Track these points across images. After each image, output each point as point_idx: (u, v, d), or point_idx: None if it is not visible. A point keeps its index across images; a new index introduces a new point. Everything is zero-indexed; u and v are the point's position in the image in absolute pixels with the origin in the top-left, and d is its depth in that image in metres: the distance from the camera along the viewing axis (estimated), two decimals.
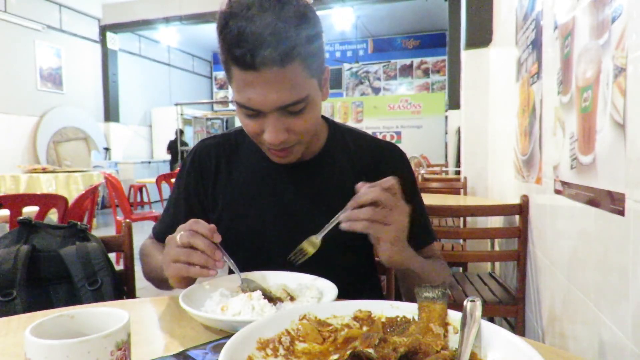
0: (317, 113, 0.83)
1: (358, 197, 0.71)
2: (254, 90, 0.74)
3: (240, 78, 0.74)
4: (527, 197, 1.81)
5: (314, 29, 0.76)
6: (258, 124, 0.79)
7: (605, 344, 1.04)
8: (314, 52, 0.76)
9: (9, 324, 0.69)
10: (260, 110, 0.76)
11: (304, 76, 0.76)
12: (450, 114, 6.68)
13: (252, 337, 0.48)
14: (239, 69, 0.73)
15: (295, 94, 0.75)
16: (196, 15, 7.91)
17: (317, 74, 0.80)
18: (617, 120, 0.95)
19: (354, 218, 0.70)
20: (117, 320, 0.46)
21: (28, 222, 1.07)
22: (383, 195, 0.70)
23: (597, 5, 1.08)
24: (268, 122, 0.77)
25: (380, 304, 0.57)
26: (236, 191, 0.94)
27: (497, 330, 0.48)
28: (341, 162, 0.95)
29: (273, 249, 0.91)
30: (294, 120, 0.78)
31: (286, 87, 0.74)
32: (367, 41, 11.49)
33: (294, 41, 0.72)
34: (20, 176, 5.10)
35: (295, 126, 0.79)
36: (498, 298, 1.86)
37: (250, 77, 0.73)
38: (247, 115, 0.79)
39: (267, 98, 0.74)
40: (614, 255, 0.99)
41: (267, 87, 0.73)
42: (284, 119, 0.77)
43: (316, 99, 0.81)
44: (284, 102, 0.75)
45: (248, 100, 0.75)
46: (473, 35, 3.13)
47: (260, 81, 0.72)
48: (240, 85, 0.75)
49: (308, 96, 0.77)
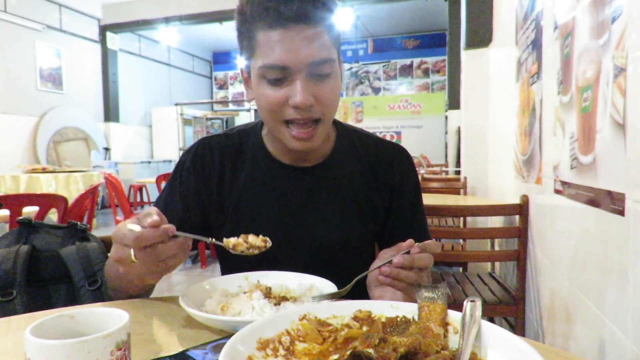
0: (339, 88, 0.83)
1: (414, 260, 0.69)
2: (284, 47, 0.74)
3: (266, 39, 0.75)
4: (527, 197, 1.81)
5: (335, 4, 0.79)
6: (283, 92, 0.77)
7: (605, 344, 1.03)
8: (335, 27, 0.79)
9: (9, 324, 0.69)
10: (290, 68, 0.75)
11: (331, 43, 0.77)
12: (450, 114, 6.68)
13: (252, 337, 0.48)
14: (267, 28, 0.74)
15: (325, 52, 0.76)
16: (196, 15, 7.90)
17: (338, 51, 0.81)
18: (617, 120, 0.95)
19: (402, 278, 0.69)
20: (117, 320, 0.46)
21: (28, 222, 1.07)
22: (431, 263, 0.71)
23: (597, 5, 1.08)
24: (297, 84, 0.76)
25: (380, 304, 0.57)
26: (243, 194, 0.91)
27: (497, 330, 0.48)
28: (349, 165, 0.94)
29: (279, 254, 0.89)
30: (321, 85, 0.78)
31: (316, 45, 0.75)
32: (367, 41, 11.48)
33: (323, 5, 0.74)
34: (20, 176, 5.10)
35: (321, 93, 0.78)
36: (498, 298, 1.86)
37: (279, 36, 0.73)
38: (272, 83, 0.77)
39: (299, 52, 0.74)
40: (614, 255, 0.99)
41: (299, 43, 0.74)
42: (312, 83, 0.77)
43: (339, 74, 0.82)
44: (315, 58, 0.75)
45: (278, 59, 0.74)
46: (473, 35, 3.12)
47: (291, 37, 0.73)
48: (268, 48, 0.75)
49: (335, 61, 0.79)
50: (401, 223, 0.96)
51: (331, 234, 0.90)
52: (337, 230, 0.90)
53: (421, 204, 0.99)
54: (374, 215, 0.94)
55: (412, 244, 0.70)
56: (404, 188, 0.95)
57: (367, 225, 0.94)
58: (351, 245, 0.92)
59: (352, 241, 0.93)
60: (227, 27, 8.42)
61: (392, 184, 0.94)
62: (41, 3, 7.30)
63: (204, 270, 3.96)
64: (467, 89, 3.19)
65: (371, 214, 0.94)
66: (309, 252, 0.90)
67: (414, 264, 0.69)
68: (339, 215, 0.91)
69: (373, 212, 0.94)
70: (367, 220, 0.93)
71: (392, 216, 0.95)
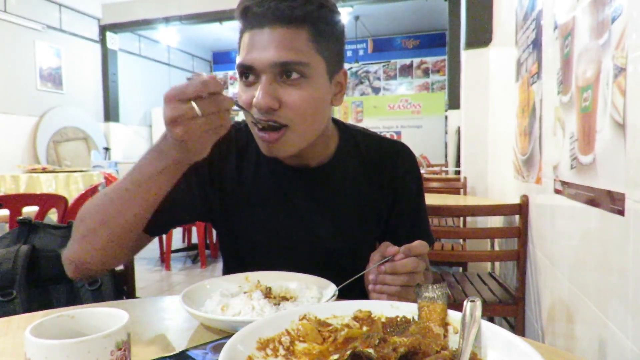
0: (316, 98, 0.77)
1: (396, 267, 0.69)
2: (254, 48, 0.73)
3: (244, 39, 0.74)
4: (527, 197, 1.81)
5: (331, 12, 0.76)
6: (251, 91, 0.75)
7: (605, 344, 1.04)
8: (326, 32, 0.75)
9: (9, 324, 0.69)
10: (255, 68, 0.73)
11: (310, 47, 0.74)
12: (450, 113, 6.68)
13: (252, 337, 0.48)
14: (247, 27, 0.73)
15: (294, 55, 0.72)
16: (196, 15, 7.89)
17: (329, 61, 0.77)
18: (617, 120, 0.95)
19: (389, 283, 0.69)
20: (117, 320, 0.46)
21: (28, 222, 1.07)
22: (419, 265, 0.69)
23: (597, 5, 1.08)
24: (260, 85, 0.73)
25: (380, 304, 0.57)
26: (245, 192, 0.90)
27: (497, 330, 0.48)
28: (353, 167, 0.93)
29: (280, 254, 0.89)
30: (287, 90, 0.74)
31: (285, 47, 0.72)
32: (367, 41, 11.47)
33: (304, 6, 0.72)
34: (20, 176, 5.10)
35: (287, 97, 0.74)
36: (498, 298, 1.86)
37: (255, 37, 0.73)
38: (244, 83, 0.76)
39: (262, 54, 0.72)
40: (613, 255, 0.99)
41: (267, 44, 0.72)
42: (276, 86, 0.74)
43: (319, 84, 0.77)
44: (279, 59, 0.72)
45: (245, 60, 0.73)
46: (473, 35, 3.13)
47: (262, 38, 0.72)
48: (243, 48, 0.74)
49: (308, 66, 0.74)
50: (403, 222, 0.95)
51: (334, 235, 0.90)
52: (340, 231, 0.90)
53: (423, 203, 0.98)
54: (378, 216, 0.94)
55: (397, 251, 0.69)
56: (407, 186, 0.95)
57: (371, 226, 0.94)
58: (354, 246, 0.92)
59: (354, 242, 0.92)
60: (227, 27, 8.42)
61: (395, 183, 0.94)
62: (41, 3, 7.30)
63: (204, 270, 3.96)
64: (467, 88, 3.19)
65: (375, 215, 0.93)
66: (311, 252, 0.90)
67: (396, 270, 0.68)
68: (342, 217, 0.91)
69: (376, 213, 0.93)
70: (371, 221, 0.93)
71: (394, 215, 0.95)
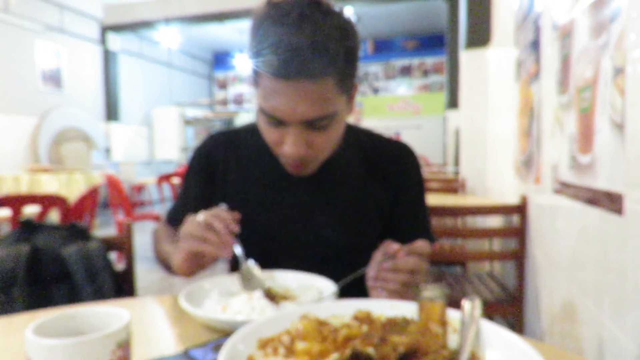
0: (340, 130, 0.81)
1: (398, 264, 0.69)
2: (281, 100, 0.71)
3: (268, 85, 0.71)
4: (526, 197, 1.81)
5: (353, 45, 0.73)
6: (279, 133, 0.76)
7: (605, 344, 1.04)
8: (349, 69, 0.74)
9: (10, 324, 0.69)
10: (284, 121, 0.73)
11: (335, 92, 0.72)
12: (450, 114, 6.68)
13: (252, 337, 0.49)
14: (269, 75, 0.70)
15: (324, 109, 0.72)
16: (197, 16, 7.90)
17: (347, 90, 0.77)
18: (615, 121, 0.95)
19: (389, 279, 0.69)
20: (117, 319, 0.46)
21: (29, 222, 1.08)
22: (420, 264, 0.69)
23: (596, 6, 1.08)
24: (289, 134, 0.74)
25: (380, 303, 0.58)
26: (246, 192, 0.92)
27: (496, 329, 0.48)
28: (356, 165, 0.94)
29: (282, 250, 0.90)
30: (316, 135, 0.75)
31: (315, 102, 0.71)
32: (366, 41, 11.48)
33: (331, 56, 0.68)
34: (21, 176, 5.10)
35: (317, 141, 0.76)
36: (497, 297, 1.86)
37: (280, 86, 0.70)
38: (269, 123, 0.76)
39: (294, 110, 0.71)
40: (612, 255, 0.99)
41: (296, 99, 0.70)
42: (306, 133, 0.75)
43: (342, 115, 0.79)
44: (310, 117, 0.72)
45: (273, 109, 0.72)
46: (472, 36, 3.13)
47: (290, 91, 0.69)
48: (267, 92, 0.72)
49: (336, 113, 0.75)
50: (404, 221, 0.96)
51: (336, 234, 0.90)
52: (342, 230, 0.91)
53: (425, 203, 0.99)
54: (379, 215, 0.94)
55: (398, 249, 0.70)
56: (409, 186, 0.96)
57: (372, 224, 0.94)
58: (355, 243, 0.92)
59: (356, 238, 0.93)
60: (228, 28, 8.42)
61: (397, 182, 0.94)
62: (41, 3, 7.30)
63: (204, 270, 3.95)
64: (466, 89, 3.19)
65: (376, 214, 0.94)
66: (313, 251, 0.90)
67: (398, 267, 0.69)
68: (344, 215, 0.91)
69: (378, 212, 0.94)
70: (372, 220, 0.94)
71: (395, 214, 0.96)
